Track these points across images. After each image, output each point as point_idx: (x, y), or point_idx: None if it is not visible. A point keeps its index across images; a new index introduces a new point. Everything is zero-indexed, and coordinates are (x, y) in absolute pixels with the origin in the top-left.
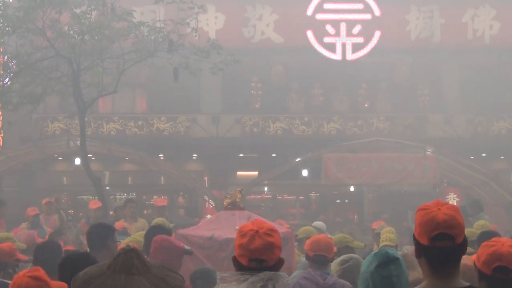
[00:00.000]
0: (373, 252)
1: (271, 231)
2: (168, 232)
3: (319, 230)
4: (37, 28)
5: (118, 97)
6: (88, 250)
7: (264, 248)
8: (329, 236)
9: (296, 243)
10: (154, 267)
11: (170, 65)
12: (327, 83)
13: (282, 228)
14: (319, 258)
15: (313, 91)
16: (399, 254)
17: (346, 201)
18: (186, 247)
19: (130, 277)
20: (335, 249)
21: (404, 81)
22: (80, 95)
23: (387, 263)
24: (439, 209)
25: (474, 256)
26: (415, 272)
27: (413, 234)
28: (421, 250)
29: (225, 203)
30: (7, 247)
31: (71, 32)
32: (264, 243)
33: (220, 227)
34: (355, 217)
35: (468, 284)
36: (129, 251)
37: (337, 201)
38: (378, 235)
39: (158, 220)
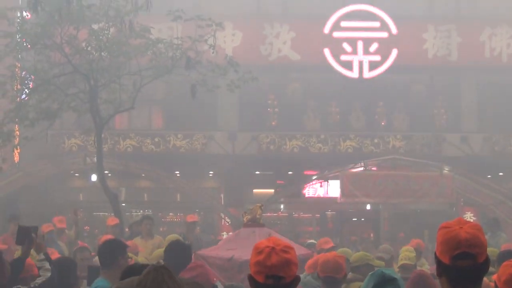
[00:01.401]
0: (370, 273)
1: (288, 248)
2: (187, 247)
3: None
4: (55, 44)
5: (134, 113)
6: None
7: (281, 265)
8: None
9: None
10: (186, 284)
11: (187, 82)
12: (344, 101)
13: (302, 249)
14: (328, 279)
15: (329, 109)
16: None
17: (362, 219)
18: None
19: None
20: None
21: (421, 100)
22: (98, 111)
23: (383, 283)
24: (461, 227)
25: (494, 276)
26: None
27: (435, 253)
28: (442, 269)
29: (244, 220)
30: (27, 262)
31: (89, 49)
32: (281, 259)
33: (240, 246)
34: (371, 235)
35: None
36: (159, 268)
37: (353, 219)
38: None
39: (172, 236)
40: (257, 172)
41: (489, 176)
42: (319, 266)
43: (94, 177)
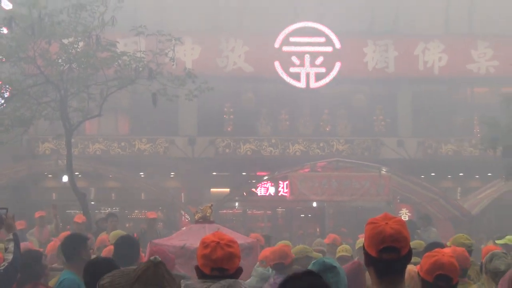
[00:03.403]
0: (312, 262)
1: (231, 242)
2: (136, 242)
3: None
4: (28, 57)
5: (103, 120)
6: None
7: (225, 258)
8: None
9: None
10: (176, 276)
11: (150, 92)
12: (293, 108)
13: (247, 238)
14: (277, 266)
15: (280, 116)
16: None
17: (309, 215)
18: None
19: None
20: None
21: (362, 108)
22: (67, 118)
23: (324, 271)
24: (386, 223)
25: (418, 266)
26: None
27: (363, 245)
28: (369, 260)
29: (196, 217)
30: None
31: (60, 61)
32: (225, 253)
33: (191, 237)
34: (317, 230)
35: None
36: (159, 263)
37: (301, 215)
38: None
39: (117, 232)
40: (214, 173)
41: (422, 176)
42: (269, 256)
43: (65, 178)
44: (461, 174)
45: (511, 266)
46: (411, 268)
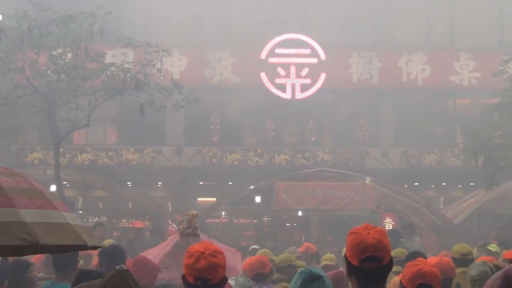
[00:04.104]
0: (299, 271)
1: (216, 253)
2: (123, 251)
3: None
4: (17, 68)
5: (91, 130)
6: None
7: (208, 268)
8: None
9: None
10: (142, 286)
11: (137, 102)
12: (278, 119)
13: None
14: (257, 276)
15: (265, 126)
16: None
17: (294, 224)
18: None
19: None
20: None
21: (347, 118)
22: (56, 128)
23: (310, 280)
24: (368, 233)
25: (400, 275)
26: None
27: (344, 255)
28: (351, 270)
29: (181, 227)
30: None
31: (48, 72)
32: (209, 263)
33: (176, 262)
34: (303, 239)
35: None
36: (124, 272)
37: (287, 224)
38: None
39: (107, 241)
40: (201, 183)
41: (406, 186)
42: (248, 268)
43: (53, 187)
44: (444, 183)
45: (487, 274)
46: (397, 280)
